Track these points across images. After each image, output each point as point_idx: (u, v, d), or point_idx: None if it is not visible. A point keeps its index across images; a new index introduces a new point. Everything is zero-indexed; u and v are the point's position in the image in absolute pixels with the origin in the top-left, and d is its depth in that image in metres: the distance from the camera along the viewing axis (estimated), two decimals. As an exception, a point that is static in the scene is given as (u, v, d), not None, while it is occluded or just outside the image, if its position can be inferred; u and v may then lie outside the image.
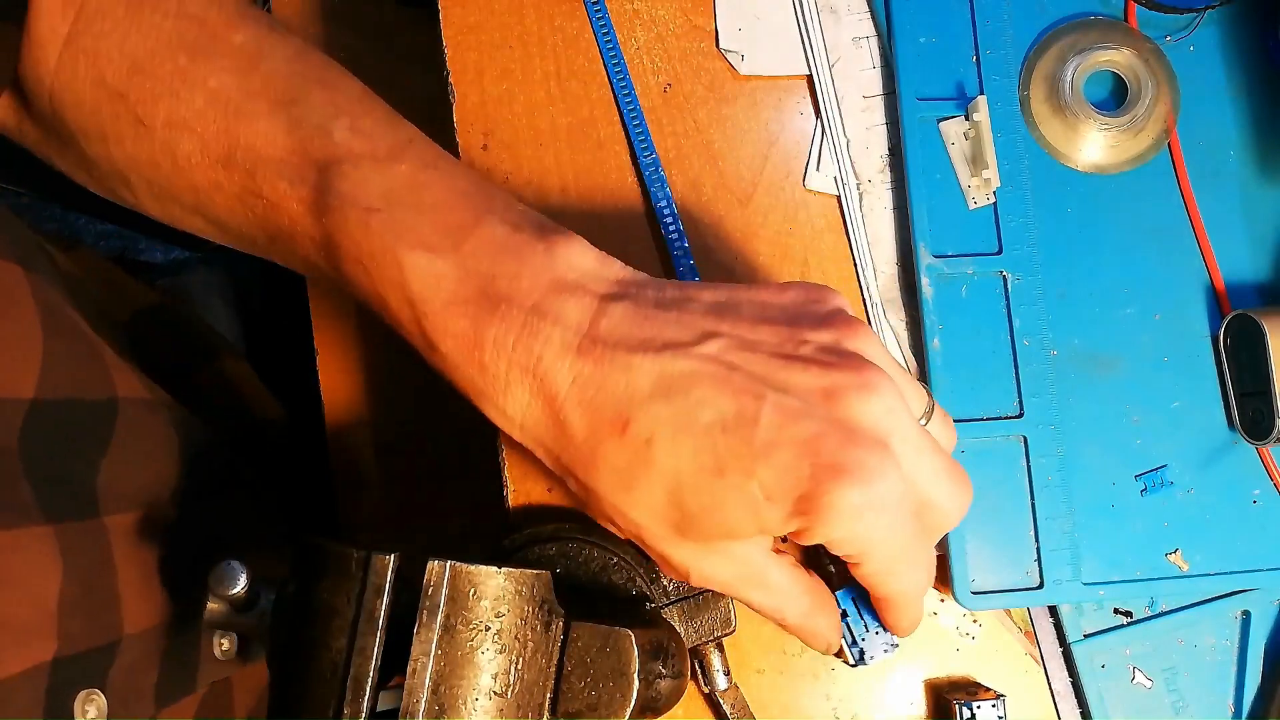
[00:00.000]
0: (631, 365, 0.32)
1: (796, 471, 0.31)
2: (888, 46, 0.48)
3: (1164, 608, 0.46)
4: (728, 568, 0.35)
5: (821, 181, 0.47)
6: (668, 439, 0.32)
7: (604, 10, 0.47)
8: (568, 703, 0.33)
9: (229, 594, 0.34)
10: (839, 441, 0.31)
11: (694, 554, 0.34)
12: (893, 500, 0.32)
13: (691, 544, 0.34)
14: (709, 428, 0.31)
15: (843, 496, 0.31)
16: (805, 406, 0.32)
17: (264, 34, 0.37)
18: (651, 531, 0.34)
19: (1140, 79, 0.47)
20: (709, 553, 0.35)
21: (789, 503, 0.31)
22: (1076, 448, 0.45)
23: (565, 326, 0.33)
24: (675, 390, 0.32)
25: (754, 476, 0.31)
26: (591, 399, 0.32)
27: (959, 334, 0.45)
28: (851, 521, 0.31)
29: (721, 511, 0.32)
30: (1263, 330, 0.44)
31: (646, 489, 0.32)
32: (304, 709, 0.30)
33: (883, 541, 0.32)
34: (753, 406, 0.31)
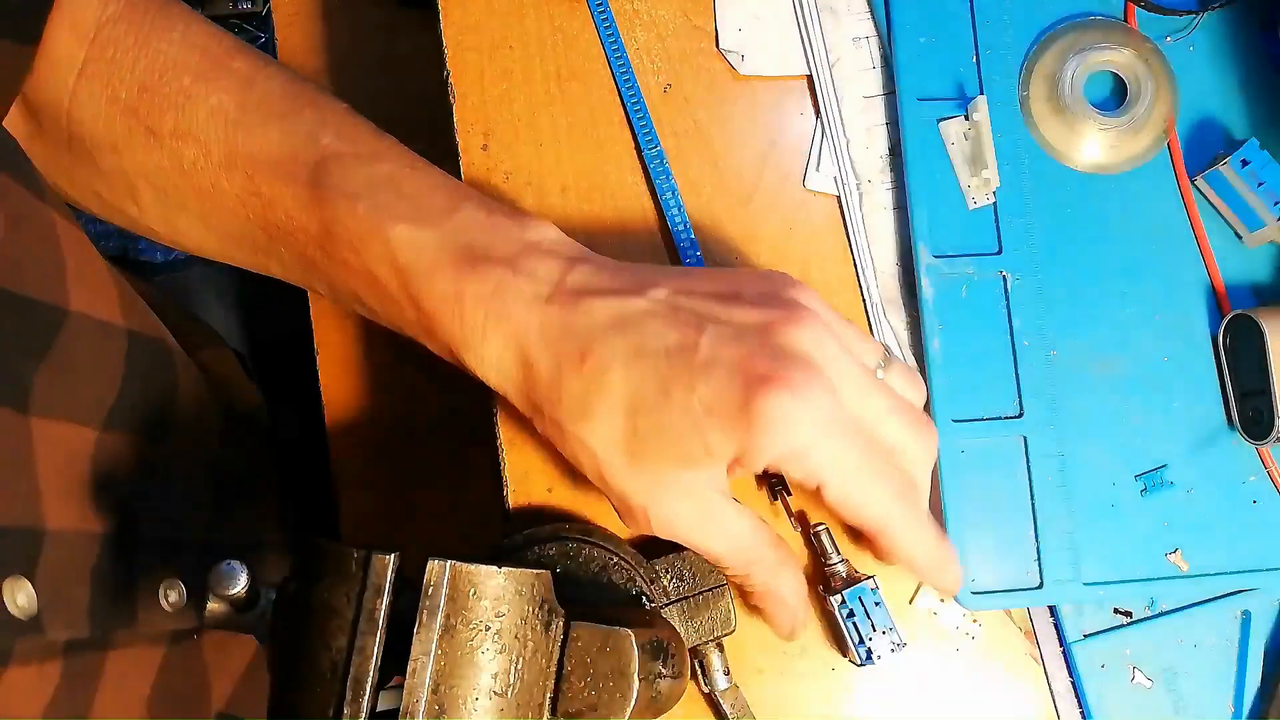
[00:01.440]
0: (592, 308, 0.36)
1: (730, 385, 0.34)
2: (888, 46, 0.48)
3: (1164, 608, 0.46)
4: (684, 506, 0.37)
5: (821, 181, 0.47)
6: (621, 366, 0.35)
7: (607, 10, 0.47)
8: (568, 703, 0.33)
9: (229, 594, 0.34)
10: (768, 358, 0.35)
11: (651, 489, 0.37)
12: (826, 414, 0.34)
13: (647, 477, 0.36)
14: (656, 354, 0.35)
15: (773, 404, 0.33)
16: (740, 335, 0.36)
17: (260, 63, 0.42)
18: (609, 463, 0.36)
19: (1140, 79, 0.47)
20: (664, 488, 0.37)
21: (727, 418, 0.34)
22: (1076, 448, 0.45)
23: (537, 280, 0.37)
24: (628, 324, 0.36)
25: (695, 391, 0.35)
26: (556, 339, 0.36)
27: (959, 334, 0.45)
28: (785, 432, 0.34)
29: (669, 429, 0.35)
30: (1262, 330, 0.44)
31: (602, 414, 0.36)
32: (304, 709, 0.30)
33: (831, 460, 0.35)
34: (694, 335, 0.36)
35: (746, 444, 0.34)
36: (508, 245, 0.38)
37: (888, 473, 0.37)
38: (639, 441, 0.36)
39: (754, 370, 0.34)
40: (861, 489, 0.36)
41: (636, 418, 0.36)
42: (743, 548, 0.38)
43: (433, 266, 0.37)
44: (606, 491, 0.38)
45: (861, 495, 0.36)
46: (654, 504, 0.37)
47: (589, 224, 0.47)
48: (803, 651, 0.45)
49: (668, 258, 0.47)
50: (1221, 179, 0.46)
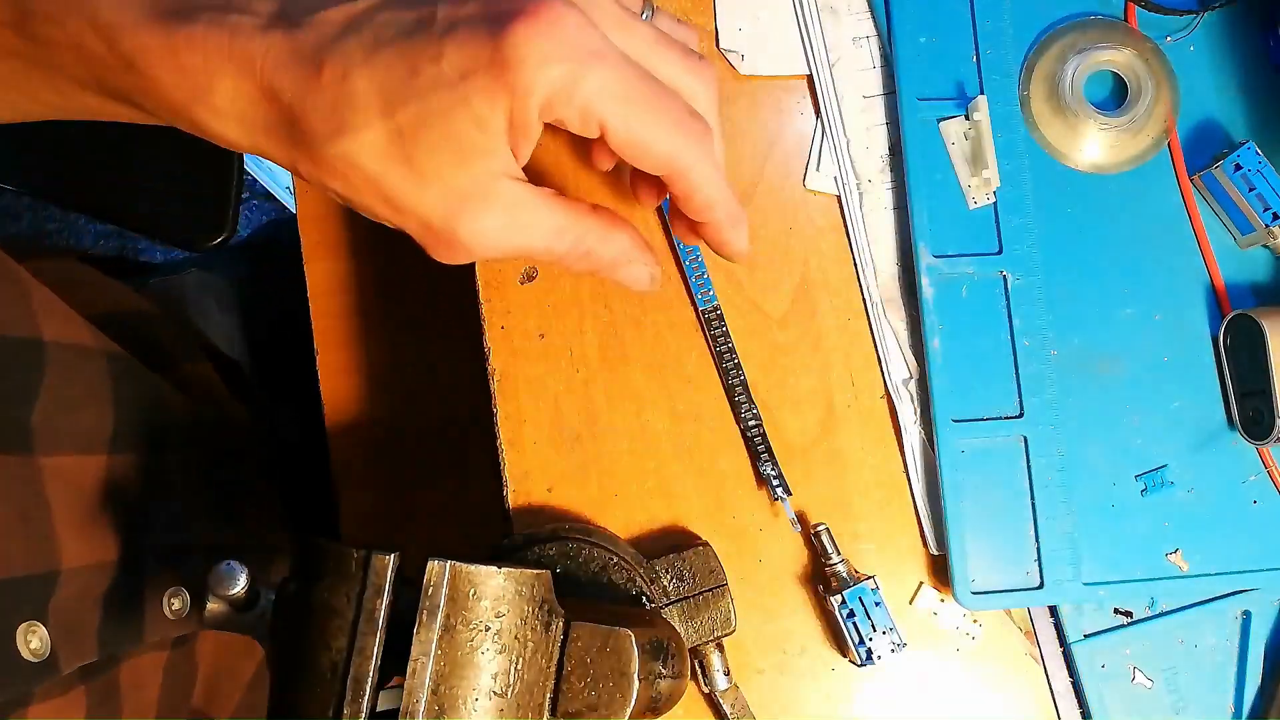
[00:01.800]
0: (315, 21, 0.33)
1: (474, 37, 0.31)
2: (888, 46, 0.48)
3: (1164, 608, 0.46)
4: (490, 214, 0.33)
5: (821, 181, 0.47)
6: (361, 64, 0.32)
7: (604, 10, 0.47)
8: (568, 703, 0.33)
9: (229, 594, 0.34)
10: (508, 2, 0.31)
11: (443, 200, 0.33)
12: (581, 37, 0.31)
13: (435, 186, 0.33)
14: (394, 39, 0.32)
15: (520, 38, 0.30)
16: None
17: None
18: (385, 177, 0.33)
19: (1140, 79, 0.47)
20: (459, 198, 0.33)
21: (482, 73, 0.31)
22: (1076, 448, 0.45)
23: (252, 12, 0.33)
24: (358, 23, 0.33)
25: (442, 59, 0.31)
26: (287, 60, 0.32)
27: (959, 334, 0.45)
28: (543, 66, 0.31)
29: (431, 113, 0.32)
30: (1263, 330, 0.44)
31: (360, 123, 0.32)
32: (304, 709, 0.30)
33: (599, 87, 0.32)
34: (428, 9, 0.32)
35: (509, 94, 0.31)
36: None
37: (669, 100, 0.33)
38: (406, 141, 0.32)
39: (495, 13, 0.31)
40: (643, 121, 0.33)
41: (394, 114, 0.32)
42: (561, 231, 0.35)
43: (138, 20, 0.33)
44: (399, 219, 0.34)
45: (645, 125, 0.33)
46: (457, 219, 0.33)
47: (589, 224, 0.47)
48: (803, 651, 0.45)
49: (669, 257, 0.47)
50: (1215, 182, 0.46)
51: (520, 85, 0.31)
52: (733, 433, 0.46)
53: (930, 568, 0.46)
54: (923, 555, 0.46)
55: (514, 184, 0.34)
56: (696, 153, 0.34)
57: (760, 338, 0.46)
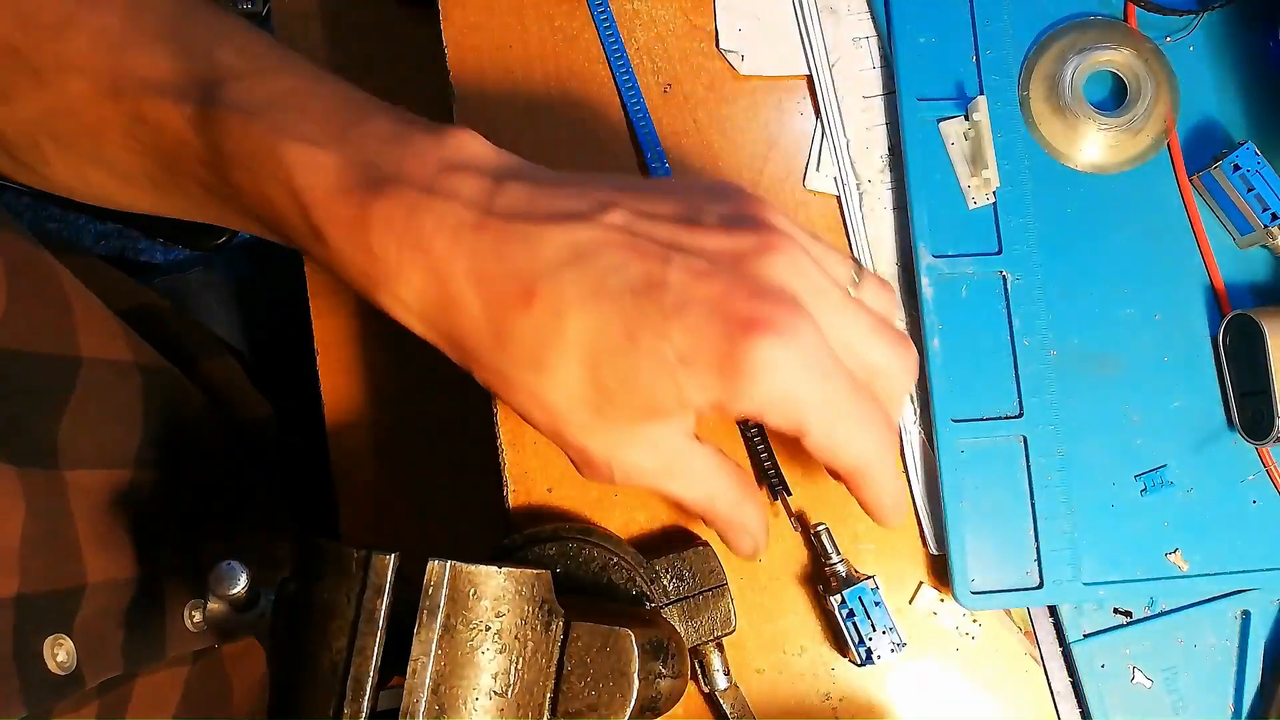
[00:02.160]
0: (531, 236, 0.31)
1: (708, 329, 0.30)
2: (888, 46, 0.48)
3: (1164, 608, 0.46)
4: (650, 457, 0.34)
5: (821, 181, 0.47)
6: (576, 306, 0.31)
7: (607, 10, 0.47)
8: (568, 703, 0.33)
9: (229, 594, 0.34)
10: (748, 296, 0.31)
11: (615, 443, 0.33)
12: (814, 354, 0.31)
13: (611, 431, 0.33)
14: (618, 293, 0.31)
15: (759, 351, 0.30)
16: (712, 267, 0.31)
17: None
18: (568, 418, 0.33)
19: (1140, 79, 0.47)
20: (630, 441, 0.33)
21: (705, 366, 0.31)
22: (1076, 448, 0.45)
23: (459, 202, 0.32)
24: (580, 257, 0.31)
25: (667, 338, 0.31)
26: (491, 273, 0.31)
27: (959, 334, 0.45)
28: (772, 378, 0.30)
29: (639, 381, 0.31)
30: (1262, 330, 0.44)
31: (560, 365, 0.31)
32: (304, 709, 0.30)
33: (816, 401, 0.32)
34: (659, 270, 0.31)
35: (728, 393, 0.31)
36: (421, 163, 0.32)
37: (869, 414, 0.34)
38: (603, 394, 0.32)
39: (734, 312, 0.31)
40: (846, 433, 0.33)
41: (599, 368, 0.31)
42: (707, 490, 0.36)
43: (332, 190, 0.32)
44: (563, 446, 0.34)
45: (844, 439, 0.33)
46: (619, 458, 0.34)
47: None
48: (802, 651, 0.45)
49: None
50: (1214, 182, 0.46)
51: (742, 391, 0.31)
52: (733, 432, 0.46)
53: (930, 568, 0.46)
54: (922, 555, 0.46)
55: (683, 440, 0.35)
56: (880, 464, 0.34)
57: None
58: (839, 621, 0.43)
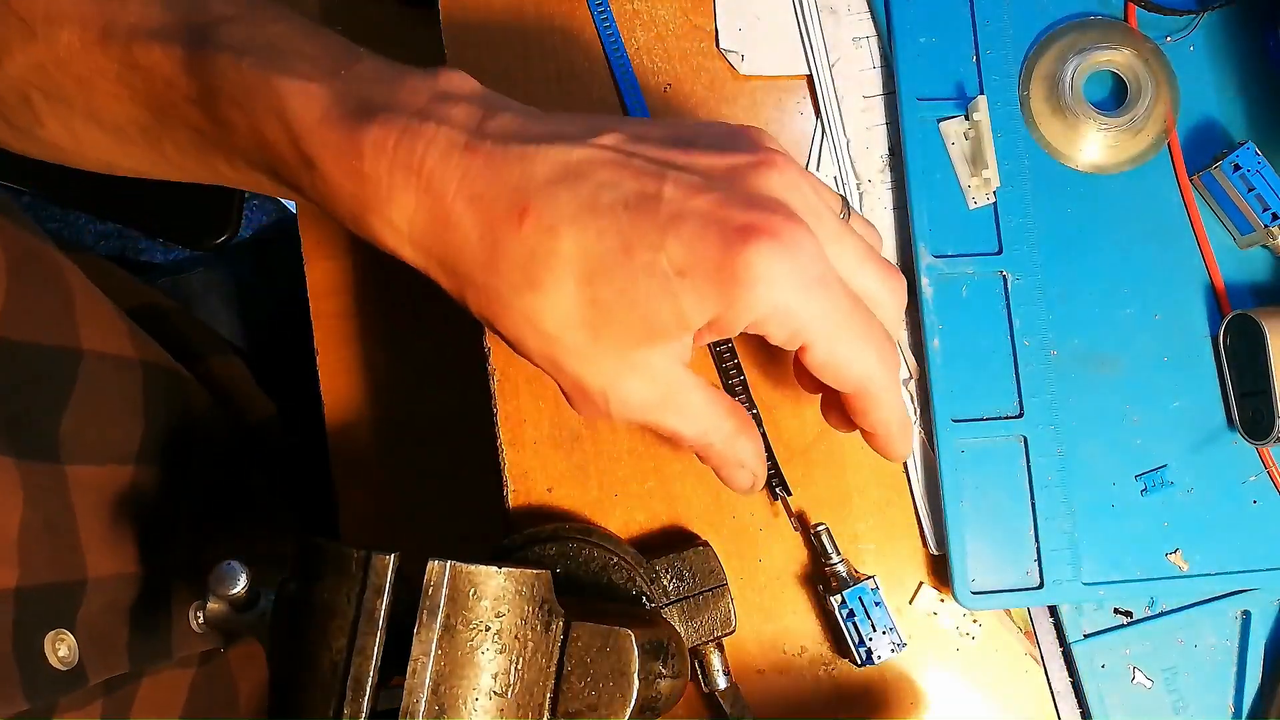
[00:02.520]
0: (525, 155, 0.31)
1: (704, 239, 0.30)
2: (888, 46, 0.48)
3: (1164, 608, 0.46)
4: (646, 387, 0.33)
5: (821, 180, 0.47)
6: (570, 222, 0.30)
7: (607, 10, 0.47)
8: (568, 703, 0.33)
9: (229, 594, 0.34)
10: (744, 206, 0.30)
11: (611, 371, 0.32)
12: (814, 263, 0.30)
13: (607, 356, 0.32)
14: (612, 207, 0.30)
15: (757, 258, 0.29)
16: (707, 181, 0.31)
17: None
18: (563, 341, 0.32)
19: (1140, 79, 0.47)
20: (626, 369, 0.32)
21: (703, 277, 0.30)
22: (1076, 448, 0.45)
23: (451, 125, 0.31)
24: (574, 175, 0.31)
25: (662, 250, 0.30)
26: (483, 192, 0.31)
27: (959, 334, 0.45)
28: (773, 288, 0.30)
29: (635, 295, 0.30)
30: (1262, 330, 0.44)
31: (555, 283, 0.31)
32: (304, 709, 0.30)
33: (818, 312, 0.31)
34: (654, 184, 0.31)
35: (727, 305, 0.30)
36: (414, 94, 0.32)
37: (871, 329, 0.33)
38: (600, 313, 0.31)
39: (730, 220, 0.30)
40: (848, 347, 0.32)
41: (595, 285, 0.31)
42: (701, 424, 0.35)
43: (324, 117, 0.32)
44: (556, 375, 0.33)
45: (848, 354, 0.32)
46: (615, 388, 0.32)
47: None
48: (802, 651, 0.45)
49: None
50: (1215, 182, 0.46)
51: (741, 301, 0.30)
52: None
53: (930, 568, 0.46)
54: (922, 555, 0.46)
55: (678, 369, 0.33)
56: (883, 380, 0.34)
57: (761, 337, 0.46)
58: (839, 622, 0.43)
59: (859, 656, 0.43)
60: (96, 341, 0.41)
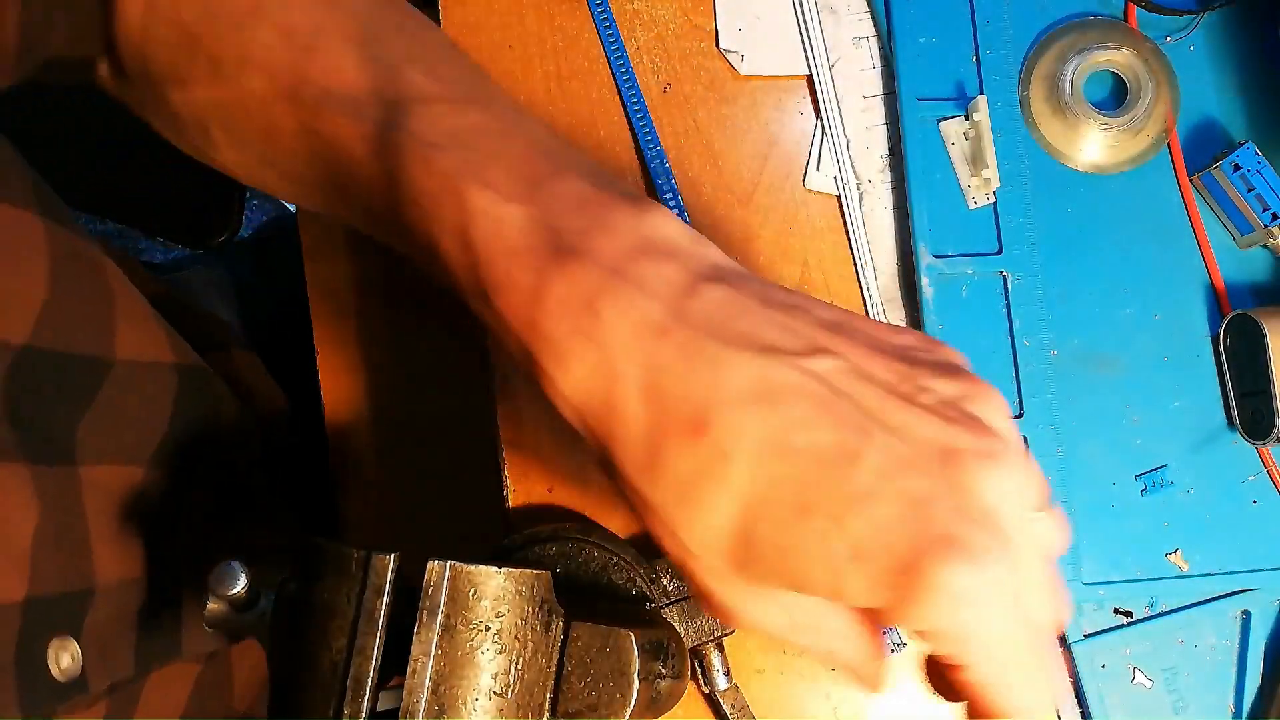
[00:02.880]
0: (722, 360, 0.27)
1: (896, 532, 0.26)
2: (888, 46, 0.48)
3: (1164, 608, 0.46)
4: (780, 617, 0.30)
5: (821, 181, 0.47)
6: (751, 454, 0.27)
7: (607, 10, 0.47)
8: (568, 703, 0.33)
9: (229, 594, 0.34)
10: (954, 509, 0.26)
11: (746, 598, 0.29)
12: (1004, 600, 0.26)
13: (747, 586, 0.29)
14: (802, 454, 0.27)
15: (951, 575, 0.25)
16: (918, 459, 0.27)
17: None
18: (704, 563, 0.29)
19: (1140, 79, 0.47)
20: (764, 598, 0.29)
21: (880, 570, 0.26)
22: (1076, 448, 0.45)
23: (648, 296, 0.28)
24: (769, 401, 0.27)
25: (843, 525, 0.26)
26: (664, 388, 0.27)
27: (959, 334, 0.45)
28: (955, 609, 0.26)
29: (796, 558, 0.27)
30: (1262, 330, 0.44)
31: (712, 509, 0.27)
32: (304, 709, 0.30)
33: (993, 642, 0.27)
34: (856, 442, 0.27)
35: (894, 607, 0.26)
36: (614, 237, 0.29)
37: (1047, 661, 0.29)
38: (750, 553, 0.28)
39: (932, 526, 0.26)
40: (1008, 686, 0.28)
41: (756, 524, 0.27)
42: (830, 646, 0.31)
43: (512, 250, 0.29)
44: (686, 579, 0.30)
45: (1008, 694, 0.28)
46: (746, 611, 0.29)
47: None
48: (803, 651, 0.45)
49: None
50: (1215, 182, 0.46)
51: (916, 614, 0.26)
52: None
53: (930, 568, 0.46)
54: (922, 555, 0.46)
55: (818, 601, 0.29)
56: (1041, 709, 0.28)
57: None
58: (839, 621, 0.43)
59: (859, 656, 0.43)
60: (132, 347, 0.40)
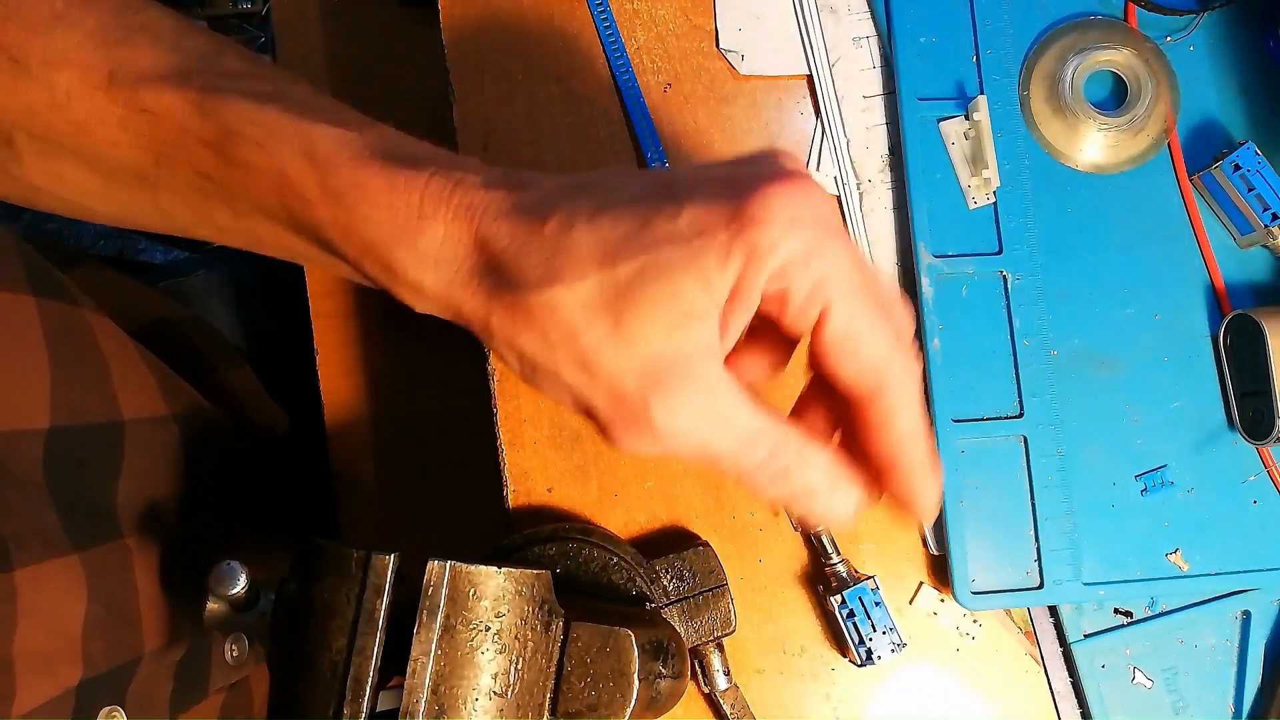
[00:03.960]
0: (544, 184, 0.32)
1: (720, 196, 0.29)
2: (888, 46, 0.48)
3: (1164, 608, 0.46)
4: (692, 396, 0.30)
5: (821, 181, 0.47)
6: (587, 218, 0.30)
7: (607, 10, 0.47)
8: (568, 703, 0.33)
9: (229, 594, 0.34)
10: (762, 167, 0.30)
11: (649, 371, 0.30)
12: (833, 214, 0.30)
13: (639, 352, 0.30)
14: (631, 199, 0.30)
15: (775, 198, 0.29)
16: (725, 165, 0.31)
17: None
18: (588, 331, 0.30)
19: (1140, 79, 0.47)
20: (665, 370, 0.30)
21: (721, 227, 0.29)
22: (1076, 448, 0.45)
23: (478, 174, 0.32)
24: (593, 183, 0.31)
25: (680, 216, 0.29)
26: (510, 211, 0.31)
27: (959, 334, 0.45)
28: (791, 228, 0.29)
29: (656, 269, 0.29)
30: (1262, 330, 0.44)
31: (574, 274, 0.30)
32: (304, 709, 0.30)
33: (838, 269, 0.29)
34: (669, 175, 0.31)
35: (748, 253, 0.29)
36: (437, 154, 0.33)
37: (893, 303, 0.31)
38: (620, 295, 0.30)
39: (747, 176, 0.30)
40: (869, 314, 0.30)
41: (615, 266, 0.30)
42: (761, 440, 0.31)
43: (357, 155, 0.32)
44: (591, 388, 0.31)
45: (869, 321, 0.30)
46: (654, 391, 0.30)
47: (589, 224, 0.47)
48: (803, 651, 0.45)
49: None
50: (1215, 182, 0.46)
51: (762, 243, 0.29)
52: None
53: (930, 568, 0.46)
54: (923, 555, 0.46)
55: (718, 366, 0.31)
56: (908, 372, 0.31)
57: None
58: (839, 622, 0.43)
59: (859, 656, 0.43)
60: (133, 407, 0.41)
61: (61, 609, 0.34)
